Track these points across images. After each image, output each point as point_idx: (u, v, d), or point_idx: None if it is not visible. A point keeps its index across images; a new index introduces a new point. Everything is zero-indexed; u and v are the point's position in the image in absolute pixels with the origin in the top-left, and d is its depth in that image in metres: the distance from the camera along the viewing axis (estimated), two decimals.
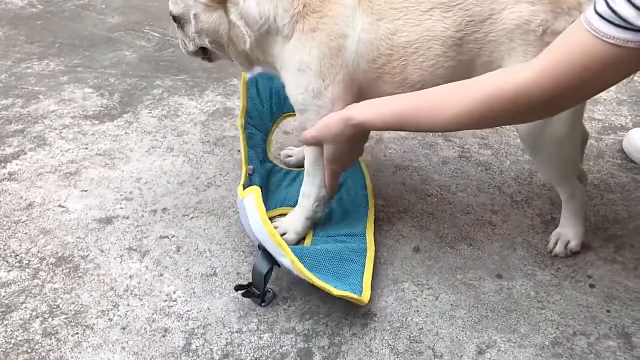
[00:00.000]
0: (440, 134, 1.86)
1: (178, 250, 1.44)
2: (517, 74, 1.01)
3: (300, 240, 1.45)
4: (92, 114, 1.97)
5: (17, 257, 1.41)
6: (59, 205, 1.58)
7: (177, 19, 1.38)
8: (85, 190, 1.63)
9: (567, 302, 1.31)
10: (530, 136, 1.30)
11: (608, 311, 1.29)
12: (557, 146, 1.29)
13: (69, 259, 1.41)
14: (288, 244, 1.28)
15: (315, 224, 1.47)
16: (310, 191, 1.42)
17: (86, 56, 2.34)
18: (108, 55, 2.35)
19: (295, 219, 1.44)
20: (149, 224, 1.52)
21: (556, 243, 1.42)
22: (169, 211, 1.56)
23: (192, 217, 1.54)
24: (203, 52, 1.44)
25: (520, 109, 1.02)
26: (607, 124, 1.93)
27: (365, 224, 1.47)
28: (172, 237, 1.48)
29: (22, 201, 1.59)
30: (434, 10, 1.20)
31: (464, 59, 1.23)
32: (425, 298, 1.32)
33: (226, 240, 1.46)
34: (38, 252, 1.43)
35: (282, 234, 1.41)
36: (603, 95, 2.08)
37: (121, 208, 1.57)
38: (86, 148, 1.80)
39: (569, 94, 0.96)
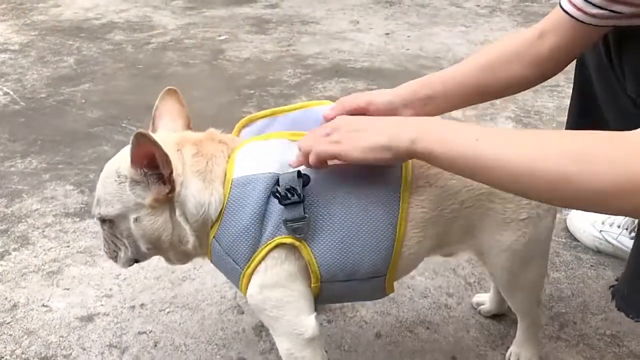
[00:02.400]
0: None
1: (155, 346, 1.54)
2: (626, 134, 0.84)
3: None
4: (73, 211, 2.09)
5: (2, 359, 1.50)
6: (43, 305, 1.67)
7: (110, 222, 1.19)
8: (68, 289, 1.73)
9: None
10: (510, 280, 1.31)
11: None
12: (532, 288, 1.35)
13: (52, 358, 1.50)
14: None
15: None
16: None
17: (67, 152, 2.48)
18: (88, 151, 2.49)
19: None
20: (128, 320, 1.62)
21: None
22: (146, 307, 1.66)
23: (168, 312, 1.64)
24: (135, 261, 1.26)
25: (621, 177, 0.81)
26: None
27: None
28: (149, 332, 1.58)
29: (7, 302, 1.68)
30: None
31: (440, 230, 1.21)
32: None
33: (200, 334, 1.57)
34: (22, 353, 1.52)
35: None
36: None
37: (102, 305, 1.67)
38: (68, 246, 1.91)
39: None
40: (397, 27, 4.06)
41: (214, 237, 1.15)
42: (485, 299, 1.62)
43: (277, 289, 1.13)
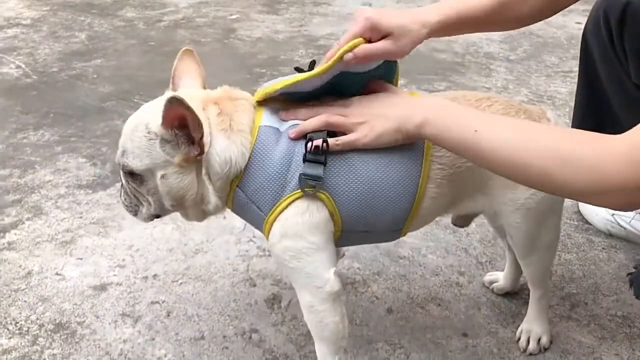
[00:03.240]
0: None
1: (168, 315, 1.55)
2: (607, 140, 0.93)
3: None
4: (86, 183, 2.10)
5: (17, 324, 1.51)
6: (56, 273, 1.68)
7: (135, 176, 1.16)
8: (81, 258, 1.74)
9: (526, 358, 1.43)
10: (526, 241, 1.32)
11: None
12: (547, 250, 1.37)
13: (67, 325, 1.51)
14: None
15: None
16: (322, 349, 1.24)
17: (79, 126, 2.48)
18: (100, 125, 2.49)
19: None
20: (141, 290, 1.63)
21: (527, 340, 1.44)
22: (159, 277, 1.67)
23: (181, 283, 1.65)
24: (156, 216, 1.25)
25: (597, 182, 0.92)
26: None
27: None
28: (162, 302, 1.59)
29: (21, 270, 1.69)
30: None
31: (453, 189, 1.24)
32: (397, 357, 1.44)
33: (213, 305, 1.58)
34: (37, 319, 1.53)
35: None
36: None
37: (115, 275, 1.68)
38: (81, 217, 1.92)
39: None
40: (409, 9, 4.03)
41: (237, 186, 1.16)
42: (497, 277, 1.62)
43: (297, 240, 1.15)
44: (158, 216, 1.24)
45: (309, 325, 1.24)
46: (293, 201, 1.13)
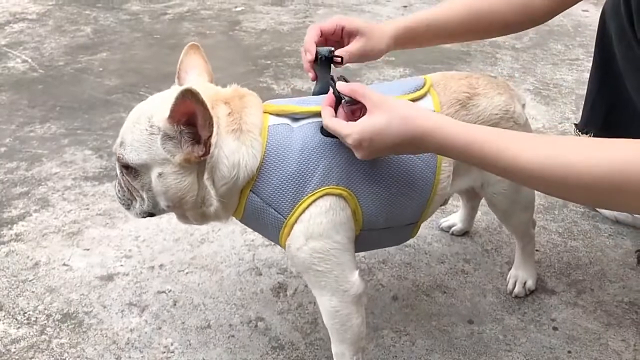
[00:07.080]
0: None
1: (175, 305, 1.56)
2: None
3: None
4: (92, 175, 2.11)
5: (26, 314, 1.53)
6: (63, 264, 1.70)
7: (130, 169, 1.10)
8: (88, 249, 1.75)
9: (532, 344, 1.43)
10: (509, 205, 1.40)
11: (569, 352, 1.41)
12: (527, 208, 1.47)
13: (74, 315, 1.53)
14: None
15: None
16: (342, 350, 1.22)
17: (85, 119, 2.49)
18: (106, 117, 2.50)
19: None
20: (148, 279, 1.64)
21: (514, 284, 1.56)
22: (165, 267, 1.68)
23: (187, 273, 1.66)
24: (150, 215, 1.18)
25: None
26: None
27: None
28: (169, 292, 1.60)
29: (28, 261, 1.71)
30: None
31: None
32: (402, 344, 1.44)
33: (219, 294, 1.58)
34: (45, 309, 1.54)
35: None
36: None
37: (121, 265, 1.69)
38: (87, 208, 1.93)
39: None
40: None
41: (250, 190, 1.11)
42: (454, 221, 1.75)
43: (323, 240, 1.10)
44: (152, 214, 1.17)
45: (330, 330, 1.21)
46: (315, 200, 1.09)
